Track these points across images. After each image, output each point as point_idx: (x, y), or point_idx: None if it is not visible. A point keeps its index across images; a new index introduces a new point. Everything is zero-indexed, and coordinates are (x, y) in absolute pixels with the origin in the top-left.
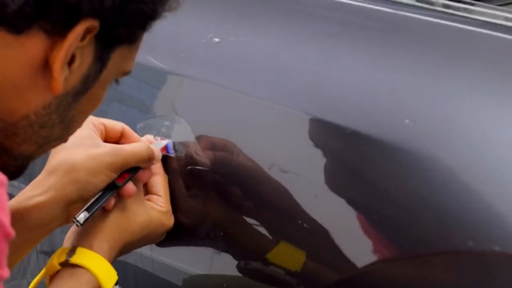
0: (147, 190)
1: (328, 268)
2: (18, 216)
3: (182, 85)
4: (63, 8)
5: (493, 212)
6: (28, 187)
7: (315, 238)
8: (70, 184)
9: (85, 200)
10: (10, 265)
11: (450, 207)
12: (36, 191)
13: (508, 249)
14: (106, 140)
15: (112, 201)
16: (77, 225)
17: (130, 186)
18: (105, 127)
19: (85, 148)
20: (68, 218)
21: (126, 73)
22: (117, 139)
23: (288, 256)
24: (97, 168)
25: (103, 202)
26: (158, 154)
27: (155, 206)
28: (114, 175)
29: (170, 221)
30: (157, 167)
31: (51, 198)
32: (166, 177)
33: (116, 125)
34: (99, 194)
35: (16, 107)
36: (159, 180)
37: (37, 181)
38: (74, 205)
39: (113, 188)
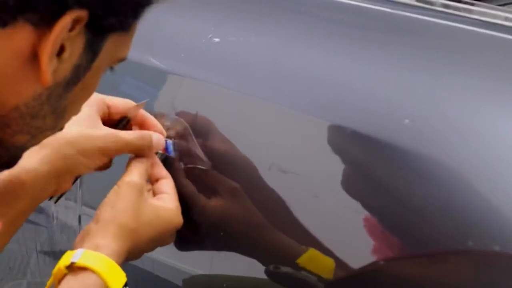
0: (153, 190)
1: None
2: (13, 187)
3: (182, 85)
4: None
5: (493, 212)
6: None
7: (315, 237)
8: (59, 159)
9: (73, 175)
10: (6, 240)
11: (450, 207)
12: (29, 161)
13: (508, 249)
14: (111, 117)
15: None
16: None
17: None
18: (108, 109)
19: (81, 127)
20: (55, 190)
21: (121, 60)
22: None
23: (318, 263)
24: (89, 149)
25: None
26: (158, 143)
27: (162, 204)
28: (106, 160)
29: (179, 218)
30: (164, 172)
31: (43, 169)
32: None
33: (120, 105)
34: None
35: (6, 99)
36: (166, 181)
37: (29, 153)
38: (63, 177)
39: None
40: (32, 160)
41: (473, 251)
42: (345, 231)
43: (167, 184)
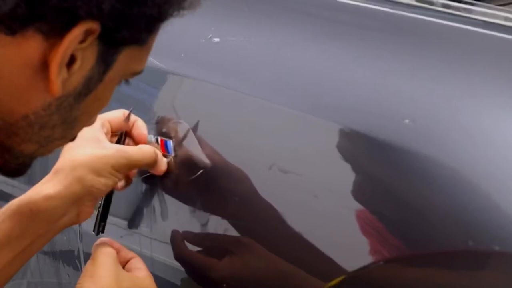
0: (126, 269)
1: (329, 267)
2: (28, 210)
3: (182, 85)
4: (58, 11)
5: (493, 211)
6: (37, 185)
7: (315, 237)
8: (75, 182)
9: (93, 196)
10: (23, 262)
11: (450, 207)
12: (44, 186)
13: (508, 249)
14: (114, 131)
15: None
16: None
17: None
18: (110, 123)
19: (91, 149)
20: (78, 215)
21: (136, 74)
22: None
23: None
24: (102, 168)
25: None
26: (162, 159)
27: (137, 274)
28: (120, 175)
29: (154, 286)
30: (131, 253)
31: (59, 192)
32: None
33: (116, 119)
34: (103, 199)
35: (16, 107)
36: (136, 260)
37: (45, 179)
38: (83, 201)
39: (111, 192)
40: (48, 185)
41: (473, 251)
42: (345, 231)
43: (137, 262)
